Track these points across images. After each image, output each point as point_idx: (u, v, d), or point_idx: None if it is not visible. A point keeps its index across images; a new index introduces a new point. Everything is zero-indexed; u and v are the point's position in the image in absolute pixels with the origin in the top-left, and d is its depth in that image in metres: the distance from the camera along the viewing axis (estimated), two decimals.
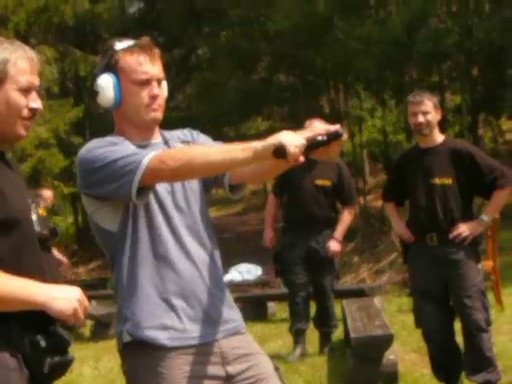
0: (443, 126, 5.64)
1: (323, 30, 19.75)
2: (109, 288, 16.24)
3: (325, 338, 7.73)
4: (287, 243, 7.48)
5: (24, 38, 24.62)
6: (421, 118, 5.41)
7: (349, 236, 17.65)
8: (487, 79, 19.27)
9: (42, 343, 2.34)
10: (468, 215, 5.43)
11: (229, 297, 2.96)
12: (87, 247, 27.36)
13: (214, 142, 3.01)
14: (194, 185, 2.93)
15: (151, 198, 2.79)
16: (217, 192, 38.58)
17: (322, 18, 19.43)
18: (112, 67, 2.82)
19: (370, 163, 27.06)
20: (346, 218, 7.46)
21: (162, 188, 2.83)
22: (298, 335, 7.64)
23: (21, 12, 23.27)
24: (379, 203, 22.56)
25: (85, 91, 29.69)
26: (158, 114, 2.85)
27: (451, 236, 5.34)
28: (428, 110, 5.41)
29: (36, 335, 2.35)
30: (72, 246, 28.76)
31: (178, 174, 2.63)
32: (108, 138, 2.83)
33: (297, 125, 24.48)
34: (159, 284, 2.76)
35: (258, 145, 2.52)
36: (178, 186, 2.88)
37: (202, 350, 2.78)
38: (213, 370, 2.78)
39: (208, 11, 26.50)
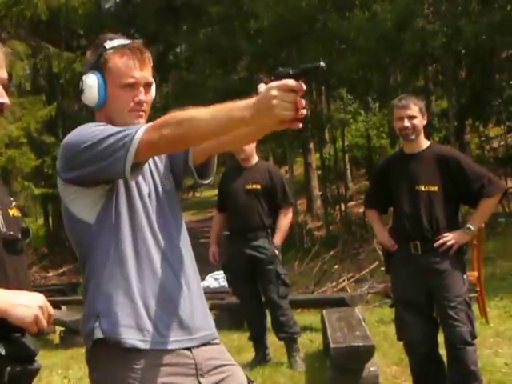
0: (429, 131, 5.64)
1: (306, 28, 19.76)
2: (79, 293, 16.16)
3: (287, 345, 7.70)
4: (229, 253, 7.60)
5: None
6: (406, 123, 5.41)
7: (329, 243, 17.87)
8: (475, 83, 19.34)
9: (2, 351, 2.28)
10: (454, 224, 5.43)
11: (204, 304, 2.95)
12: (58, 251, 27.30)
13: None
14: (167, 185, 2.95)
15: (134, 192, 2.81)
16: (193, 195, 38.40)
17: (305, 14, 19.41)
18: (100, 66, 2.83)
19: (351, 168, 27.20)
20: (282, 222, 7.46)
21: (144, 186, 2.84)
22: (255, 343, 7.67)
23: None
24: (361, 210, 22.65)
25: (58, 88, 29.61)
26: (142, 121, 2.84)
27: (436, 245, 5.33)
28: (414, 114, 5.42)
29: None
30: (42, 249, 28.66)
31: (175, 141, 2.59)
32: (95, 123, 2.82)
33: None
34: (138, 284, 2.74)
35: (257, 102, 2.42)
36: (156, 186, 2.89)
37: (176, 359, 2.76)
38: (186, 381, 2.76)
39: (187, 7, 26.51)
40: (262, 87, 2.45)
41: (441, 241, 5.33)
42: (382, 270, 13.23)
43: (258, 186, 7.42)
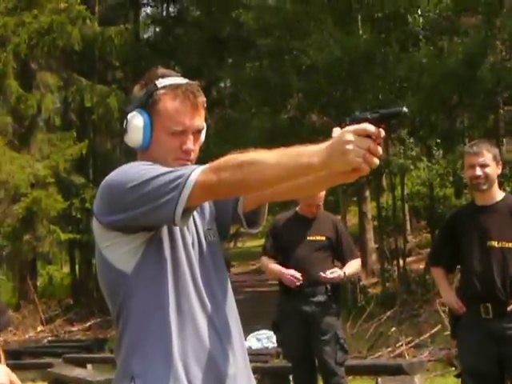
0: (499, 180, 5.61)
1: (363, 66, 19.86)
2: (107, 351, 16.20)
3: None
4: (282, 310, 7.41)
5: (24, 62, 24.96)
6: (478, 172, 5.40)
7: (385, 302, 17.74)
8: None
9: None
10: None
11: (249, 368, 2.94)
12: (84, 302, 27.36)
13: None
14: (211, 236, 2.95)
15: (178, 242, 2.81)
16: (235, 245, 38.47)
17: (363, 52, 19.53)
18: (148, 106, 2.84)
19: (411, 220, 27.02)
20: (353, 263, 7.36)
21: (187, 235, 2.84)
22: None
23: (22, 32, 23.49)
24: (421, 266, 22.48)
25: (90, 124, 29.93)
26: None
27: (510, 308, 5.28)
28: (487, 162, 5.41)
29: None
30: (67, 300, 28.75)
31: (234, 186, 2.59)
32: (140, 162, 2.83)
33: None
34: (179, 344, 2.73)
35: (329, 147, 2.45)
36: (199, 236, 2.88)
37: None
38: None
39: (233, 39, 26.76)
40: (336, 131, 2.49)
41: None
42: (444, 335, 13.12)
43: (323, 238, 7.37)
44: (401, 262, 21.92)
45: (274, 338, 12.05)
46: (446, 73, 17.74)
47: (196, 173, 2.56)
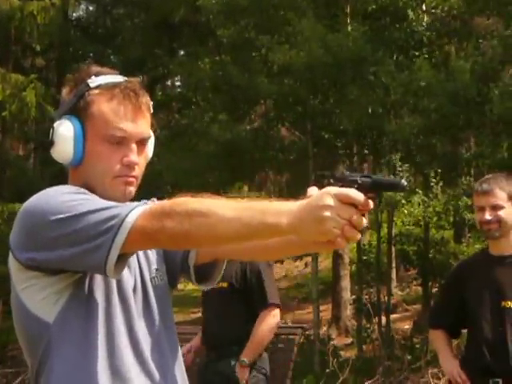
0: None
1: (351, 73, 19.99)
2: None
3: None
4: (200, 366, 7.59)
5: None
6: (488, 216, 5.44)
7: (364, 370, 17.77)
8: None
9: None
10: None
11: None
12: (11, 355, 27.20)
13: None
14: (158, 279, 2.97)
15: (112, 286, 2.81)
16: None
17: (351, 53, 19.65)
18: (79, 110, 2.84)
19: (398, 267, 27.19)
20: (258, 329, 7.23)
21: (129, 277, 2.86)
22: None
23: None
24: (407, 326, 22.63)
25: None
26: (131, 189, 2.86)
27: None
28: (499, 203, 5.44)
29: None
30: None
31: (179, 239, 2.54)
32: (67, 186, 2.83)
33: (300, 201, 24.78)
34: None
35: (303, 209, 2.39)
36: (144, 277, 2.91)
37: None
38: None
39: (187, 26, 26.80)
40: (312, 190, 2.46)
41: None
42: None
43: (225, 285, 7.37)
44: (383, 319, 22.03)
45: None
46: (453, 92, 17.94)
47: (135, 214, 2.54)
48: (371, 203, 2.40)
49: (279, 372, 12.00)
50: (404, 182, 2.44)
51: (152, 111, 2.89)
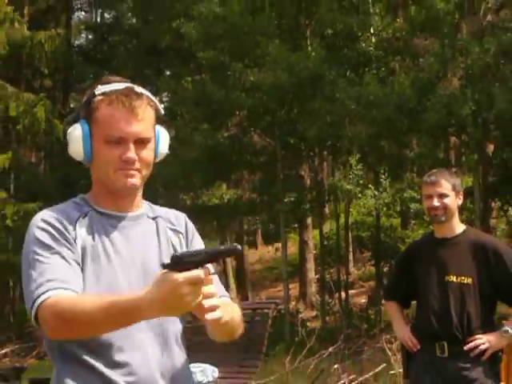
0: (459, 211, 5.65)
1: (311, 87, 19.98)
2: (25, 380, 15.99)
3: None
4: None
5: None
6: (436, 202, 5.41)
7: (327, 338, 17.78)
8: (505, 159, 19.51)
9: None
10: (488, 324, 5.39)
11: None
12: (1, 328, 27.02)
13: (202, 245, 2.98)
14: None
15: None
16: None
17: (312, 72, 19.66)
18: (88, 114, 2.80)
19: (355, 250, 27.23)
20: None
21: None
22: None
23: None
24: (363, 299, 22.67)
25: (14, 135, 29.66)
26: (134, 181, 2.79)
27: (467, 347, 5.29)
28: (445, 192, 5.41)
29: None
30: None
31: (61, 333, 2.64)
32: (56, 219, 2.78)
33: (269, 197, 24.49)
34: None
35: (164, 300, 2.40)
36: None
37: None
38: None
39: (172, 51, 26.77)
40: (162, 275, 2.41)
41: (472, 343, 5.29)
42: (389, 374, 13.20)
43: None
44: (343, 294, 22.04)
45: (209, 371, 12.09)
46: (397, 103, 17.99)
47: (40, 299, 2.60)
48: (212, 268, 2.44)
49: (256, 341, 11.99)
50: (239, 246, 2.40)
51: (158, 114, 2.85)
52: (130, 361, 2.71)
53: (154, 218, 2.94)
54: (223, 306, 2.54)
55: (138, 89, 2.81)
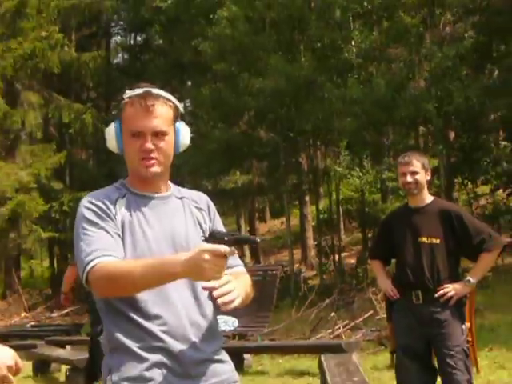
0: (428, 185, 5.62)
1: (305, 90, 19.98)
2: (83, 334, 16.05)
3: None
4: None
5: (10, 82, 24.69)
6: (409, 178, 5.42)
7: (324, 292, 17.80)
8: (464, 143, 19.48)
9: None
10: (454, 275, 5.42)
11: (218, 349, 2.86)
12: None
13: (221, 224, 2.97)
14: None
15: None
16: None
17: (305, 79, 19.64)
18: (118, 115, 2.83)
19: (344, 221, 27.19)
20: None
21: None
22: None
23: (8, 57, 23.22)
24: (353, 260, 22.62)
25: (67, 138, 29.71)
26: (154, 169, 2.77)
27: (437, 295, 5.31)
28: (416, 170, 5.42)
29: None
30: (47, 290, 28.46)
31: (109, 292, 2.66)
32: (100, 200, 2.78)
33: (274, 180, 24.33)
34: (142, 337, 2.69)
35: (189, 262, 2.46)
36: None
37: None
38: None
39: (192, 64, 26.69)
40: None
41: (441, 291, 5.31)
42: (376, 319, 13.22)
43: None
44: (336, 256, 22.03)
45: (230, 322, 12.10)
46: (374, 100, 17.94)
47: (89, 266, 2.62)
48: (235, 251, 2.51)
49: (267, 297, 12.00)
50: (257, 238, 2.53)
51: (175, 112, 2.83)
52: (163, 313, 2.69)
53: (180, 198, 2.92)
54: (238, 285, 2.57)
55: (155, 91, 2.80)
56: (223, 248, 2.41)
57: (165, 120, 2.78)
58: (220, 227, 2.93)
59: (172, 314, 2.70)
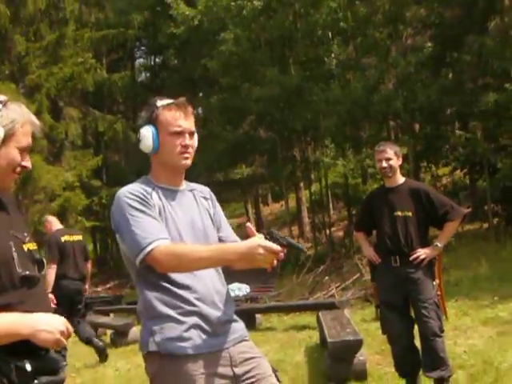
0: (400, 169, 5.60)
1: (296, 96, 19.97)
2: (123, 303, 16.11)
3: None
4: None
5: (54, 101, 24.68)
6: (384, 164, 5.40)
7: (319, 260, 17.80)
8: (427, 134, 19.44)
9: (28, 367, 2.16)
10: (425, 242, 5.41)
11: (234, 311, 2.87)
12: (105, 270, 27.31)
13: (222, 214, 2.97)
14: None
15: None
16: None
17: (295, 86, 19.63)
18: (153, 120, 2.79)
19: (333, 202, 27.13)
20: None
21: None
22: None
23: (51, 80, 23.23)
24: (340, 234, 22.60)
25: (103, 144, 29.82)
26: (189, 161, 2.80)
27: (411, 258, 5.31)
28: (390, 156, 5.40)
29: (23, 360, 2.16)
30: (92, 269, 28.55)
31: (173, 269, 2.64)
32: (139, 191, 2.73)
33: (274, 171, 24.28)
34: (179, 305, 2.67)
35: (245, 252, 2.52)
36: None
37: (215, 356, 2.70)
38: (223, 370, 2.69)
39: (202, 78, 26.67)
40: (258, 237, 2.53)
41: (415, 255, 5.31)
42: (362, 280, 13.22)
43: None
44: (327, 231, 22.01)
45: (244, 288, 12.11)
46: (352, 100, 17.90)
47: (152, 246, 2.59)
48: (284, 253, 2.53)
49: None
50: (305, 249, 2.65)
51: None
52: (194, 284, 2.69)
53: (191, 191, 2.91)
54: None
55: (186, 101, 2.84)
56: (276, 247, 2.48)
57: (193, 123, 2.83)
58: (219, 212, 2.96)
59: (201, 284, 2.70)
